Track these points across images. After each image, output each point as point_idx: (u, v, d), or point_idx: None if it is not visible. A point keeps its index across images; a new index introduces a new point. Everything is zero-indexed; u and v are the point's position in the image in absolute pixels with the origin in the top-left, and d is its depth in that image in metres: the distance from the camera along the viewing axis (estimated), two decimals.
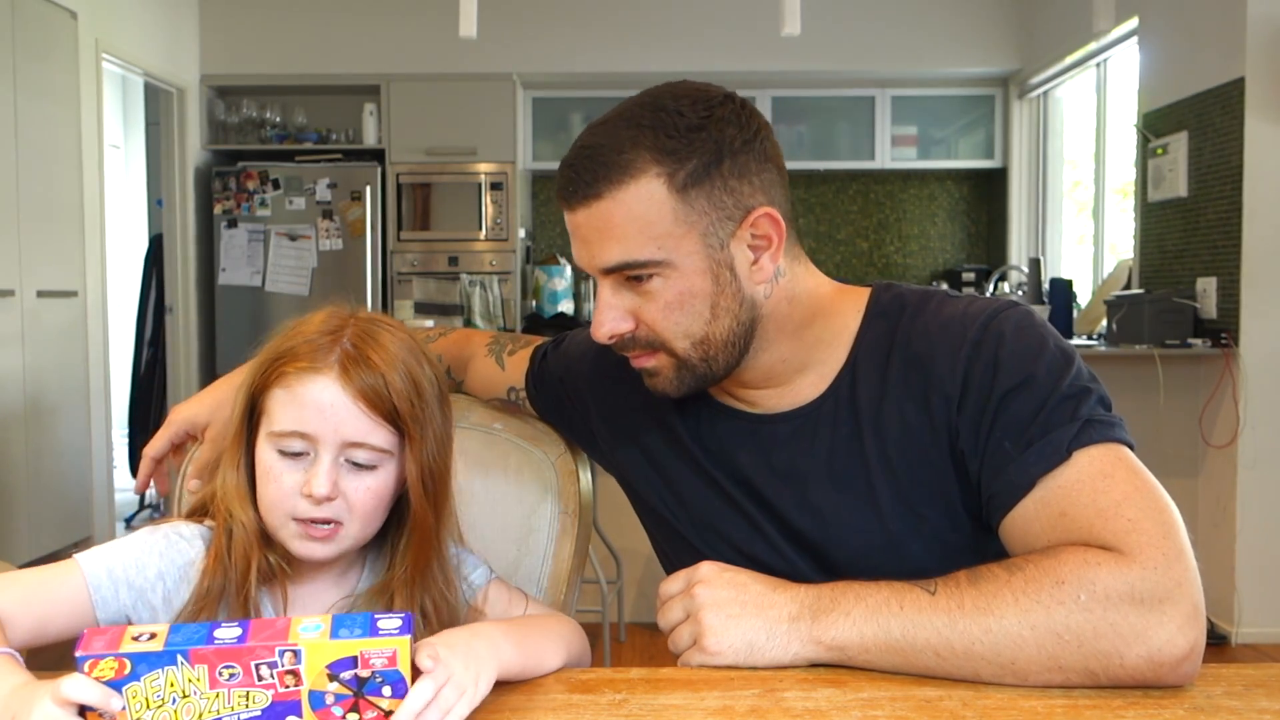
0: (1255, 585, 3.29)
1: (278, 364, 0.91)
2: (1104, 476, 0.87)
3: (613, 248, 0.93)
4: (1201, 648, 0.81)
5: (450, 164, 5.32)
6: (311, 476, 0.89)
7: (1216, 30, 3.45)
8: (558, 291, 5.36)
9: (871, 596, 0.85)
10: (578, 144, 0.96)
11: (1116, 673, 0.80)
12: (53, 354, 4.08)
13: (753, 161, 0.94)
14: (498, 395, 1.27)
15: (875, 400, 0.98)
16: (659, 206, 0.92)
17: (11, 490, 3.81)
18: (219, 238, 5.27)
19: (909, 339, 0.98)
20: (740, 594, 0.88)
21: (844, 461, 0.99)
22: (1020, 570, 0.83)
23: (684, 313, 0.95)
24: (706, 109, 0.94)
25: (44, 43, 4.04)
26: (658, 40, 5.26)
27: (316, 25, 5.32)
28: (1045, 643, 0.80)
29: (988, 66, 5.31)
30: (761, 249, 0.96)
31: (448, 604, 0.96)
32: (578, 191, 0.94)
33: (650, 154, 0.92)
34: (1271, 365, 3.29)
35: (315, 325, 0.93)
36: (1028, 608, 0.81)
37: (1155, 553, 0.81)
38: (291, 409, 0.90)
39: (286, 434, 0.90)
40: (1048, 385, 0.91)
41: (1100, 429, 0.89)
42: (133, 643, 0.67)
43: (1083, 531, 0.85)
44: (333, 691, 0.68)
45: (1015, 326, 0.95)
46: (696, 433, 1.07)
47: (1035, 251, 5.22)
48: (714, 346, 0.97)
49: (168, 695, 0.66)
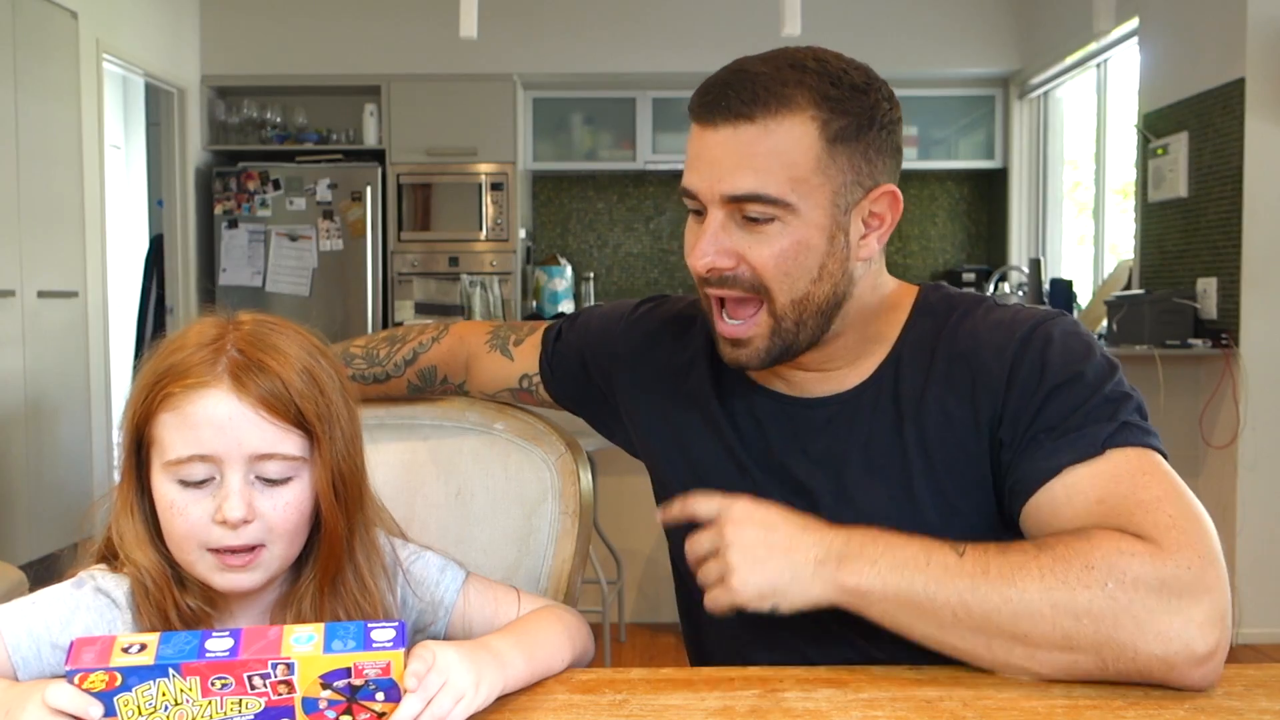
0: (1255, 585, 3.29)
1: (159, 387, 0.82)
2: (1143, 473, 0.87)
3: (747, 176, 0.91)
4: (1224, 654, 0.80)
5: (450, 164, 5.32)
6: (222, 501, 0.81)
7: (1217, 30, 3.44)
8: (558, 292, 5.36)
9: (900, 549, 0.85)
10: (732, 67, 0.94)
11: (1127, 665, 0.79)
12: (53, 354, 4.08)
13: (890, 144, 0.96)
14: (508, 388, 1.24)
15: (918, 390, 0.98)
16: (806, 149, 0.91)
17: (11, 490, 3.81)
18: (219, 238, 5.28)
19: (955, 336, 0.99)
20: (769, 535, 0.88)
21: (882, 449, 0.99)
22: (1050, 549, 0.83)
23: (795, 263, 0.94)
24: (868, 77, 0.96)
25: (44, 43, 4.04)
26: (658, 40, 5.26)
27: (317, 25, 5.32)
28: (1062, 621, 0.79)
29: (988, 67, 5.31)
30: (874, 227, 0.97)
31: (361, 612, 0.88)
32: (729, 108, 0.91)
33: (812, 95, 0.91)
34: (1272, 366, 3.29)
35: (193, 338, 0.84)
36: (1052, 585, 0.80)
37: (1191, 553, 0.81)
38: (184, 432, 0.81)
39: (184, 460, 0.81)
40: (1092, 386, 0.92)
41: (1138, 433, 0.90)
42: (123, 655, 0.66)
43: (1121, 517, 0.84)
44: (326, 698, 0.68)
45: (1064, 331, 0.96)
46: (733, 415, 1.06)
47: (1035, 252, 5.22)
48: (809, 310, 0.96)
49: (159, 703, 0.66)
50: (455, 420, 1.28)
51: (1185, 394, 3.44)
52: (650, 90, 5.51)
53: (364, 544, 0.91)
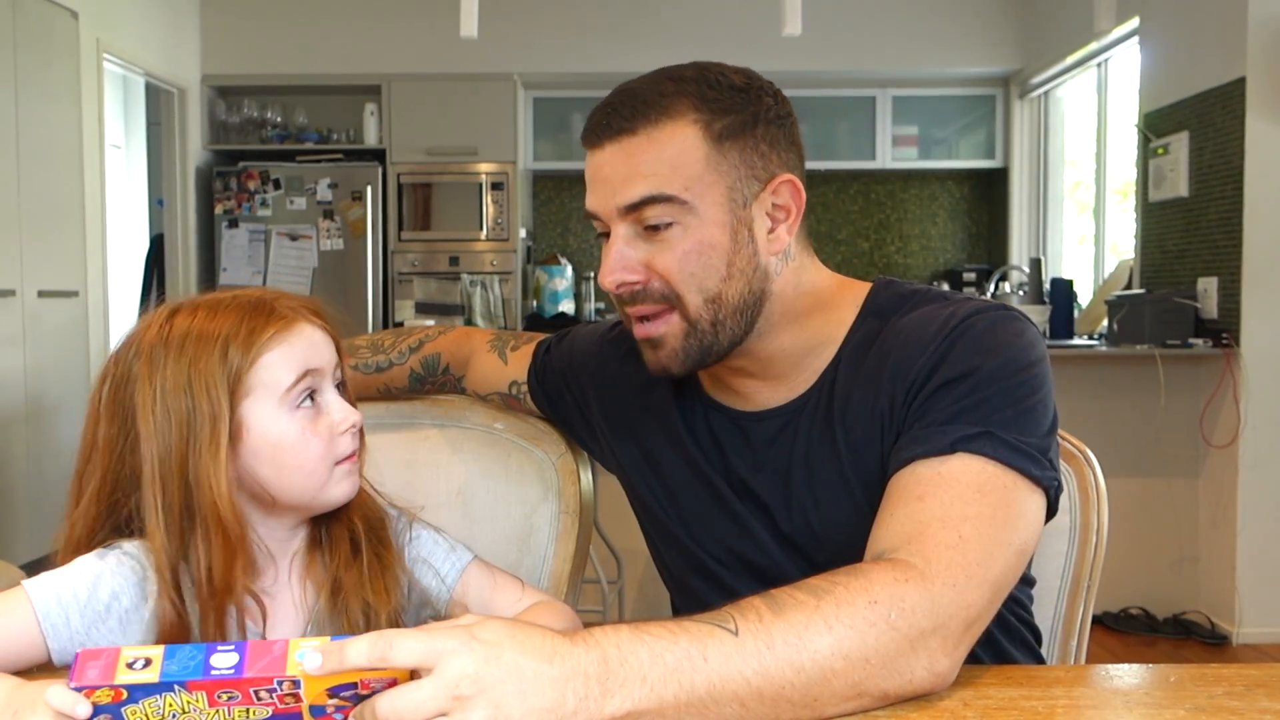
0: (1256, 585, 3.29)
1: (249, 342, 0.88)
2: (971, 487, 0.85)
3: (638, 183, 0.93)
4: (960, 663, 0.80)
5: (451, 164, 5.32)
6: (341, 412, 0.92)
7: (1217, 30, 3.44)
8: (558, 291, 5.36)
9: (669, 649, 0.71)
10: (615, 90, 0.97)
11: (904, 689, 0.78)
12: (53, 354, 4.08)
13: (783, 136, 0.97)
14: (499, 390, 1.26)
15: (847, 392, 0.98)
16: (692, 150, 0.93)
17: (11, 490, 3.81)
18: (220, 238, 5.28)
19: (889, 333, 0.98)
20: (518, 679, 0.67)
21: (819, 457, 0.99)
22: (829, 594, 0.77)
23: (700, 264, 0.94)
24: (748, 78, 0.98)
25: (45, 43, 4.04)
26: (658, 40, 5.25)
27: (317, 25, 5.32)
28: (854, 672, 0.75)
29: (988, 66, 5.31)
30: (780, 220, 0.97)
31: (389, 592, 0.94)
32: (610, 126, 0.94)
33: (691, 100, 0.93)
34: (1272, 365, 3.29)
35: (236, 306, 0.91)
36: (842, 635, 0.75)
37: (960, 573, 0.80)
38: (290, 360, 0.89)
39: (298, 380, 0.89)
40: (982, 384, 0.90)
41: (996, 445, 0.87)
42: (128, 671, 0.65)
43: (919, 526, 0.83)
44: (334, 704, 0.68)
45: (988, 326, 0.94)
46: (694, 431, 1.07)
47: (1036, 251, 5.22)
48: (725, 308, 0.96)
49: (167, 713, 0.67)
50: (456, 420, 1.28)
51: (1186, 394, 3.44)
52: None
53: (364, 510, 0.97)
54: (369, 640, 0.66)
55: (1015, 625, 1.05)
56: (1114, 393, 3.42)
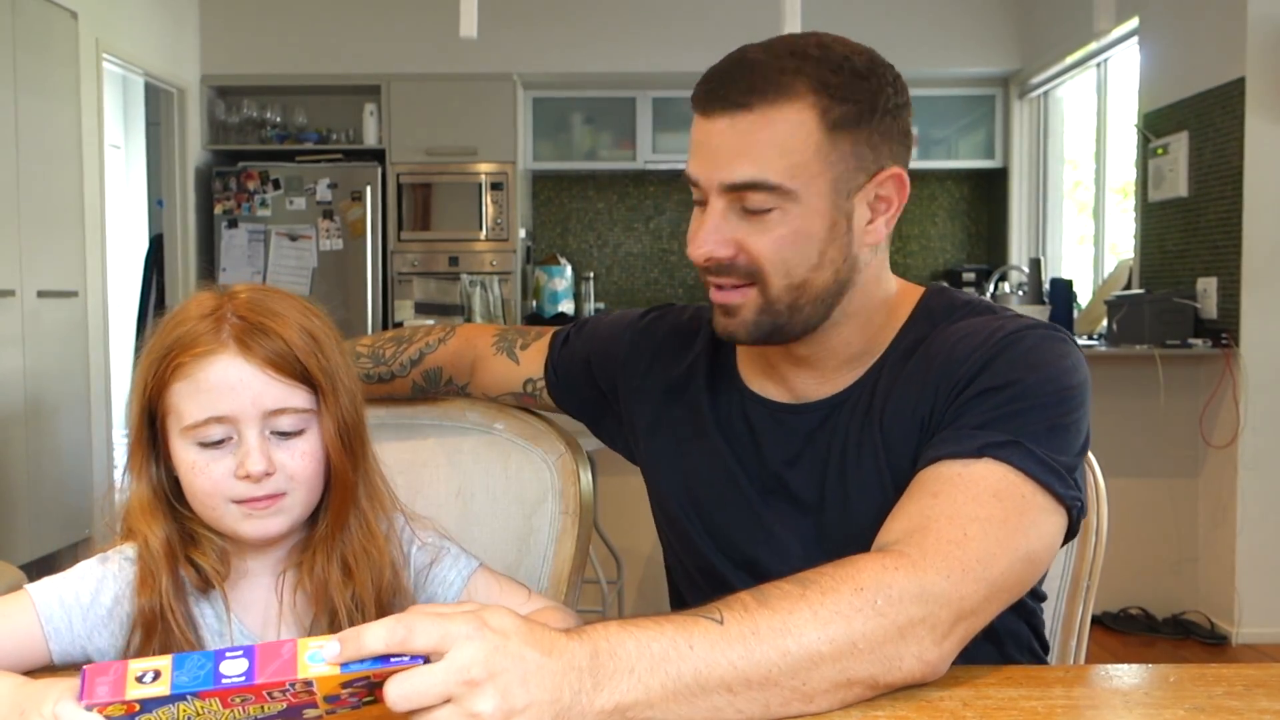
0: (1255, 585, 3.29)
1: (169, 359, 0.86)
2: (989, 492, 0.84)
3: (746, 164, 0.91)
4: (952, 655, 0.80)
5: (450, 164, 5.32)
6: (244, 457, 0.85)
7: (1217, 30, 3.44)
8: (558, 291, 5.36)
9: (655, 640, 0.72)
10: (734, 56, 0.94)
11: (894, 677, 0.78)
12: (53, 354, 4.08)
13: (897, 128, 0.95)
14: (511, 391, 1.24)
15: (888, 392, 0.98)
16: (806, 137, 0.91)
17: (11, 490, 3.81)
18: (219, 238, 5.27)
19: (937, 339, 0.98)
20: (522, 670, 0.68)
21: (857, 452, 0.98)
22: (814, 583, 0.77)
23: (793, 251, 0.93)
24: (871, 62, 0.95)
25: (44, 43, 4.04)
26: (658, 40, 5.25)
27: (317, 25, 5.32)
28: (841, 658, 0.75)
29: (988, 66, 5.31)
30: (880, 211, 0.97)
31: (369, 557, 0.92)
32: (727, 97, 0.91)
33: (811, 83, 0.91)
34: (1272, 365, 3.29)
35: (193, 311, 0.88)
36: (827, 620, 0.75)
37: (956, 565, 0.80)
38: (199, 397, 0.85)
39: (202, 424, 0.85)
40: (1022, 397, 0.89)
41: (1024, 455, 0.86)
42: (137, 685, 0.65)
43: (926, 521, 0.83)
44: (347, 691, 0.68)
45: (1035, 343, 0.93)
46: (727, 424, 1.06)
47: (1035, 251, 5.22)
48: (807, 295, 0.95)
49: (180, 717, 0.67)
50: (455, 420, 1.28)
51: (1185, 394, 3.44)
52: (650, 90, 5.50)
53: (367, 490, 0.94)
54: (387, 626, 0.66)
55: (1027, 636, 1.05)
56: (1114, 393, 3.42)
